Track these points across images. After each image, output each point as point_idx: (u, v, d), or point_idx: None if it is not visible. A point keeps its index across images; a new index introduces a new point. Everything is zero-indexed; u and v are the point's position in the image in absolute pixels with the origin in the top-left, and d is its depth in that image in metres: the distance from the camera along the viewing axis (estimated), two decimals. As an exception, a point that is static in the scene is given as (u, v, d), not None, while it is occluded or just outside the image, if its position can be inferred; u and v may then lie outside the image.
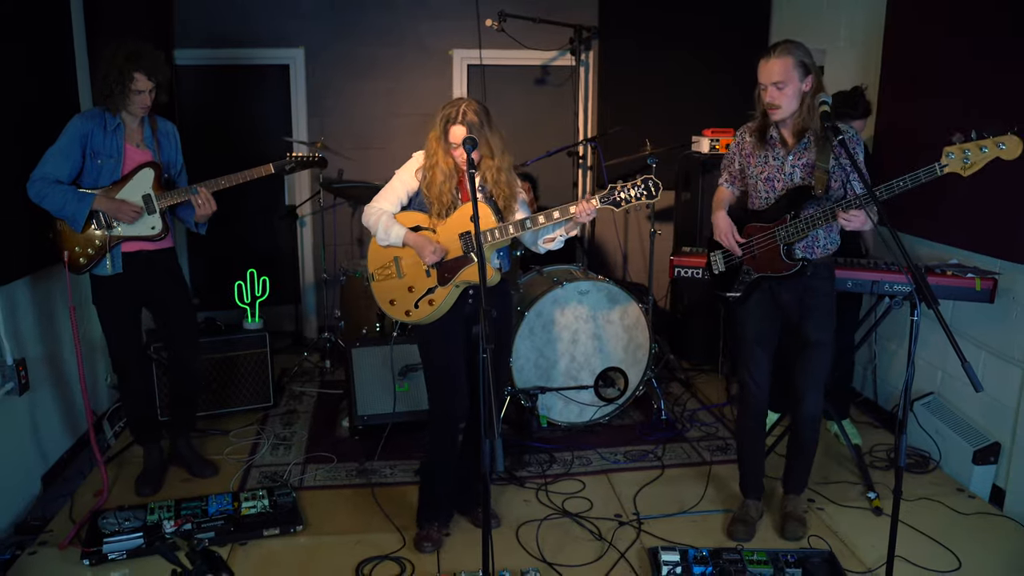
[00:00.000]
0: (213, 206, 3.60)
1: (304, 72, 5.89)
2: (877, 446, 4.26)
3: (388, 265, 3.25)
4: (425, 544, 3.29)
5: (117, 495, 3.72)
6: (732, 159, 3.35)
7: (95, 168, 3.46)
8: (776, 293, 3.25)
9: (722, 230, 3.28)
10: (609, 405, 4.44)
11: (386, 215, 3.17)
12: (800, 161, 3.12)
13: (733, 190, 3.39)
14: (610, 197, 2.93)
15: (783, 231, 3.13)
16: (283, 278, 6.14)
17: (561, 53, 5.94)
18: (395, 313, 3.24)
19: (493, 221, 3.04)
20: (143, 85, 3.41)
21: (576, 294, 4.30)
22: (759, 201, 3.24)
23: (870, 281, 3.63)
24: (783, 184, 3.15)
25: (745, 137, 3.27)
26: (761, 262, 3.22)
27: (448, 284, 3.11)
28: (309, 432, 4.42)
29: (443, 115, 3.00)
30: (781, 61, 2.95)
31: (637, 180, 2.90)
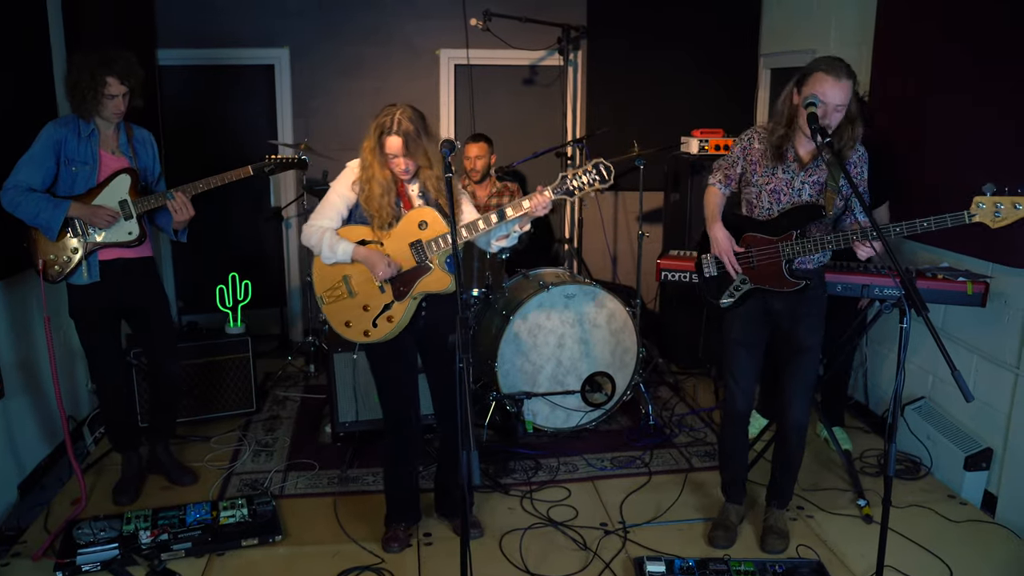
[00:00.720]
0: (190, 211, 3.51)
1: (289, 72, 5.80)
2: (868, 451, 4.21)
3: (337, 285, 3.11)
4: (392, 544, 3.30)
5: (94, 504, 3.64)
6: (735, 162, 3.21)
7: (70, 175, 3.38)
8: (769, 301, 3.18)
9: (723, 247, 3.14)
10: (596, 410, 4.38)
11: (329, 232, 3.03)
12: (811, 179, 3.05)
13: (725, 192, 3.29)
14: (562, 187, 2.83)
15: (789, 248, 3.05)
16: (269, 280, 6.07)
17: (549, 53, 5.87)
18: (352, 335, 3.10)
19: (444, 226, 2.93)
20: (116, 89, 3.34)
21: (562, 298, 4.24)
22: (759, 211, 3.14)
23: (860, 285, 3.58)
24: (789, 199, 3.08)
25: (754, 144, 3.14)
26: (760, 274, 3.14)
27: (405, 298, 3.01)
28: (292, 438, 4.35)
29: (376, 124, 2.89)
30: (849, 84, 2.82)
31: (588, 166, 2.79)
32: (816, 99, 2.79)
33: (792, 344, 3.18)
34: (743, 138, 3.20)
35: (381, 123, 2.87)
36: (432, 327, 3.11)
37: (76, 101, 3.32)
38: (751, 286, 3.16)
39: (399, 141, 2.83)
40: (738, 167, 3.20)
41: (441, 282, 2.96)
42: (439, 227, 2.92)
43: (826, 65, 2.83)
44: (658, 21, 5.90)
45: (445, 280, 2.94)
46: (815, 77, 2.84)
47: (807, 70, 2.89)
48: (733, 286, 3.20)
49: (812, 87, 2.84)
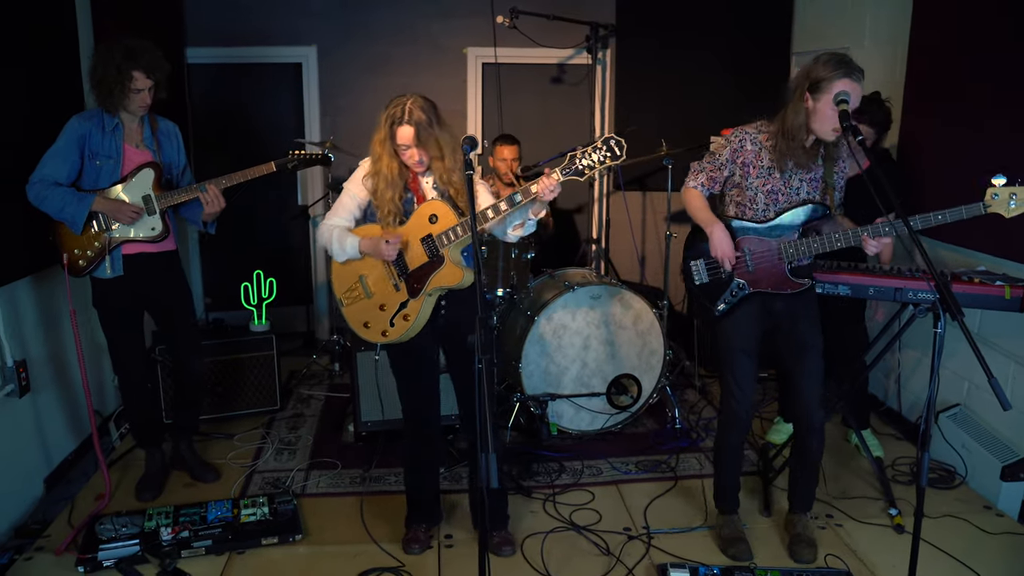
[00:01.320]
0: (222, 203, 3.52)
1: (317, 70, 5.82)
2: (900, 459, 4.10)
3: (354, 286, 3.07)
4: (412, 546, 3.27)
5: (118, 499, 3.66)
6: (722, 165, 3.08)
7: (94, 169, 3.40)
8: (768, 304, 3.11)
9: (724, 249, 3.03)
10: (621, 413, 4.32)
11: (338, 229, 2.99)
12: (808, 175, 3.01)
13: (705, 194, 3.16)
14: (571, 167, 2.68)
15: (791, 249, 3.00)
16: (295, 278, 6.08)
17: (577, 51, 5.82)
18: (371, 336, 3.06)
19: (454, 218, 2.84)
20: (142, 83, 3.34)
21: (588, 298, 4.18)
22: (753, 213, 3.06)
23: (893, 288, 3.46)
24: (787, 199, 3.02)
25: (745, 146, 3.04)
26: (760, 278, 3.07)
27: (420, 295, 2.94)
28: (314, 437, 4.34)
29: (388, 115, 2.80)
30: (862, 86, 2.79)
31: (597, 143, 2.63)
32: (847, 95, 2.73)
33: (796, 343, 3.12)
34: (732, 140, 3.08)
35: (391, 113, 2.78)
36: (453, 325, 3.05)
37: (102, 95, 3.33)
38: (750, 291, 3.09)
39: (411, 131, 2.76)
40: (725, 170, 3.09)
41: (454, 276, 2.88)
42: (450, 219, 2.83)
43: (847, 68, 2.77)
44: (687, 19, 5.83)
45: (458, 274, 2.87)
46: (840, 83, 2.76)
47: (823, 75, 2.79)
48: (729, 292, 3.11)
49: (837, 91, 2.77)
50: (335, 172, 5.36)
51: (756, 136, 3.03)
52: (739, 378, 3.16)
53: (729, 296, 3.11)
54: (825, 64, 2.80)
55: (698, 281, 3.18)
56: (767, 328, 3.15)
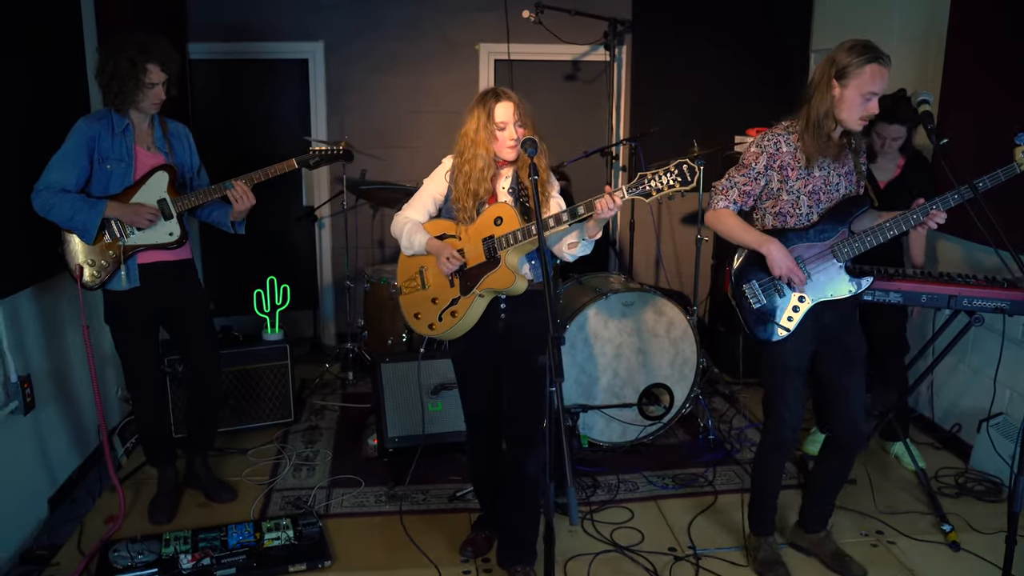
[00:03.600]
0: (252, 199, 3.34)
1: (324, 67, 5.61)
2: (942, 470, 3.97)
3: (414, 276, 3.02)
4: (466, 548, 3.23)
5: (129, 522, 3.45)
6: (758, 176, 2.86)
7: (104, 174, 3.19)
8: (819, 314, 2.92)
9: (789, 265, 2.81)
10: (653, 424, 4.16)
11: (411, 223, 2.95)
12: (843, 170, 2.88)
13: (736, 211, 2.94)
14: (640, 187, 2.56)
15: (845, 247, 2.84)
16: (301, 282, 5.87)
17: (594, 48, 5.64)
18: (419, 327, 3.01)
19: (517, 222, 2.74)
20: (157, 77, 3.15)
21: (620, 306, 4.01)
22: (796, 220, 2.89)
23: (947, 295, 3.32)
24: (828, 197, 2.87)
25: (781, 148, 2.84)
26: (817, 286, 2.90)
27: (471, 294, 2.83)
28: (333, 451, 4.14)
29: (480, 103, 2.76)
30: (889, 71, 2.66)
31: (670, 165, 2.53)
32: (928, 95, 2.59)
33: (844, 354, 2.97)
34: (766, 146, 2.85)
35: (484, 98, 2.76)
36: (510, 330, 2.91)
37: (113, 92, 3.13)
38: (812, 302, 2.91)
39: (511, 106, 2.71)
40: (762, 181, 2.88)
41: (506, 279, 2.77)
42: (513, 223, 2.74)
43: (874, 53, 2.64)
44: (704, 14, 5.66)
45: (509, 278, 2.75)
46: (869, 69, 2.63)
47: (849, 61, 2.66)
48: (791, 308, 2.91)
49: (866, 79, 2.64)
50: (348, 173, 5.15)
51: (788, 137, 2.85)
52: (789, 399, 2.98)
53: (790, 314, 2.92)
54: (850, 50, 2.67)
55: (757, 305, 2.94)
56: (816, 341, 2.98)
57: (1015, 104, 3.72)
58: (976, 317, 3.30)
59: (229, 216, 3.41)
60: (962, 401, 4.26)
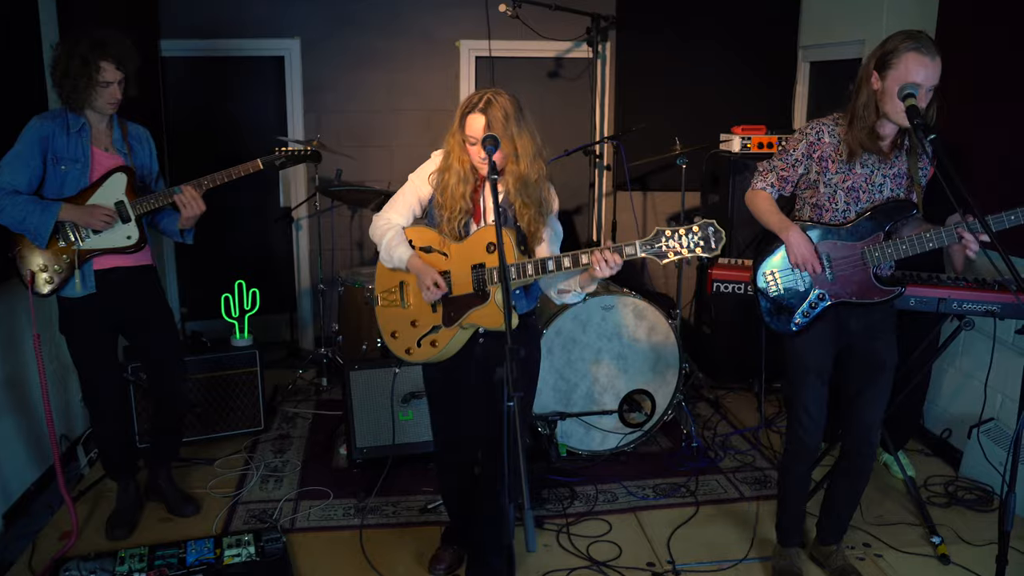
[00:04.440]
0: (200, 206, 3.17)
1: (300, 65, 5.47)
2: (932, 478, 3.84)
3: (393, 290, 2.75)
4: (437, 566, 3.08)
5: (86, 538, 3.31)
6: (795, 163, 2.78)
7: (58, 175, 3.04)
8: (844, 319, 2.80)
9: (804, 253, 2.71)
10: (634, 432, 4.02)
11: (394, 230, 2.67)
12: (892, 171, 2.70)
13: (775, 196, 2.86)
14: (654, 244, 2.26)
15: (877, 252, 2.69)
16: (278, 285, 5.74)
17: (577, 44, 5.51)
18: (396, 349, 2.75)
19: (514, 254, 2.41)
20: (111, 75, 2.99)
21: (599, 309, 3.88)
22: (832, 215, 2.76)
23: (936, 299, 3.20)
24: (869, 197, 2.72)
25: (823, 138, 2.73)
26: (841, 287, 2.76)
27: (453, 326, 2.58)
28: (303, 462, 3.99)
29: (463, 105, 2.48)
30: (939, 62, 2.47)
31: (694, 226, 2.24)
32: (914, 88, 2.43)
33: (870, 364, 2.82)
34: (808, 133, 2.77)
35: (467, 102, 2.46)
36: (489, 359, 2.65)
37: (66, 91, 2.98)
38: (831, 301, 2.78)
39: (481, 120, 2.39)
40: (800, 168, 2.78)
41: (494, 318, 2.50)
42: (509, 254, 2.38)
43: (915, 43, 2.47)
44: (691, 10, 5.54)
45: (498, 317, 2.47)
46: (907, 58, 2.47)
47: (892, 49, 2.51)
48: (808, 303, 2.81)
49: (903, 70, 2.48)
50: (321, 172, 5.02)
51: (834, 128, 2.72)
52: (810, 404, 2.86)
53: (808, 308, 2.80)
54: (894, 38, 2.52)
55: (774, 294, 2.84)
56: (838, 347, 2.85)
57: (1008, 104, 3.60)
58: (966, 321, 3.18)
59: (177, 224, 3.24)
60: (953, 406, 4.14)
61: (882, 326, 2.81)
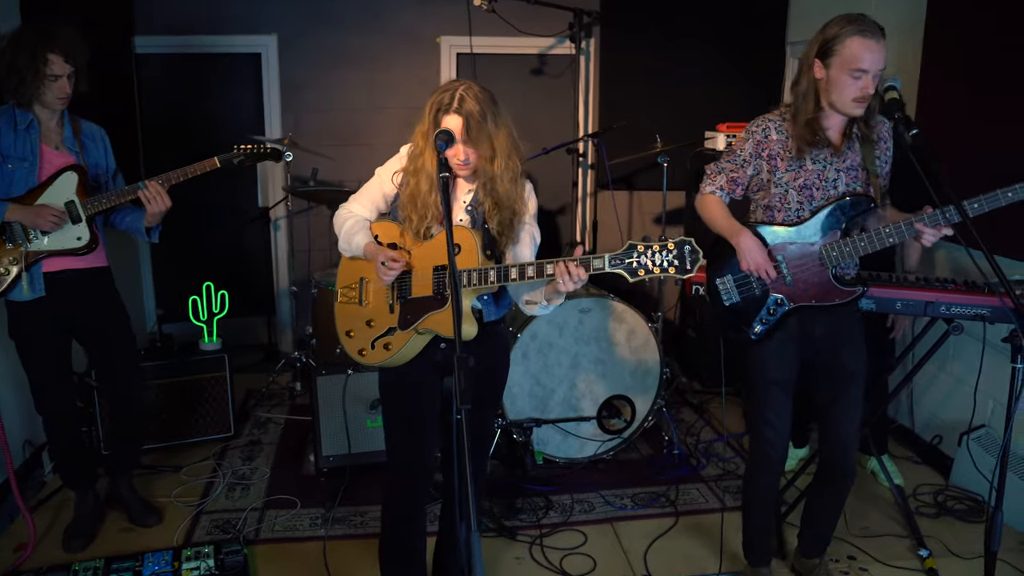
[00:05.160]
0: (166, 201, 3.01)
1: (277, 62, 5.35)
2: (921, 487, 3.73)
3: (353, 286, 2.58)
4: None
5: (42, 549, 3.18)
6: (744, 163, 2.64)
7: (6, 174, 2.92)
8: (808, 325, 2.67)
9: (756, 259, 2.56)
10: (614, 439, 3.90)
11: (356, 219, 2.49)
12: (845, 164, 2.56)
13: (725, 200, 2.72)
14: (622, 260, 2.10)
15: (835, 251, 2.56)
16: (256, 286, 5.62)
17: (560, 40, 5.39)
18: (350, 349, 2.53)
19: (476, 260, 2.26)
20: (60, 68, 2.87)
21: (576, 312, 3.76)
22: (785, 215, 2.62)
23: (923, 302, 3.07)
24: (823, 194, 2.58)
25: (770, 136, 2.60)
26: (800, 290, 2.63)
27: (409, 329, 2.39)
28: (272, 469, 3.87)
29: (434, 102, 2.28)
30: (885, 45, 2.35)
31: (669, 243, 2.05)
32: (896, 82, 2.32)
33: (837, 373, 2.69)
34: (754, 131, 2.63)
35: (438, 100, 2.28)
36: (449, 367, 2.39)
37: (12, 85, 2.86)
38: (791, 306, 2.65)
39: (459, 122, 2.24)
40: (749, 168, 2.65)
41: (451, 325, 2.25)
42: (471, 259, 2.26)
43: (858, 26, 2.36)
44: (676, 6, 5.43)
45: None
46: (851, 43, 2.35)
47: (833, 35, 2.40)
48: (766, 310, 2.67)
49: (848, 56, 2.36)
50: (294, 171, 4.90)
51: (781, 124, 2.60)
52: (771, 415, 2.73)
53: (766, 315, 2.67)
54: (833, 24, 2.41)
55: (728, 302, 2.71)
56: (806, 356, 2.72)
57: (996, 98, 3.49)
58: (955, 325, 3.06)
59: (143, 221, 3.12)
60: (943, 412, 4.02)
61: (848, 333, 2.68)
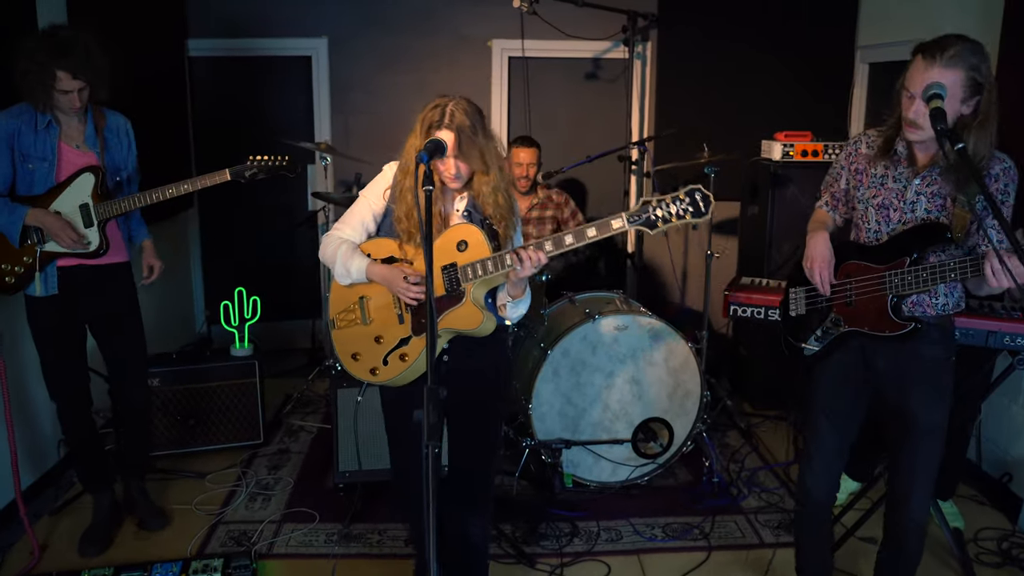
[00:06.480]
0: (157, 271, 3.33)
1: (327, 64, 5.33)
2: (983, 531, 3.41)
3: (352, 308, 2.49)
4: None
5: (59, 553, 3.18)
6: (838, 176, 2.55)
7: (27, 174, 2.94)
8: (869, 355, 2.44)
9: (816, 257, 2.45)
10: (648, 463, 3.70)
11: (346, 245, 2.44)
12: (929, 189, 2.30)
13: (835, 216, 2.60)
14: (641, 216, 2.11)
15: (897, 278, 2.31)
16: (303, 290, 5.60)
17: (615, 44, 5.21)
18: (358, 371, 2.48)
19: (487, 249, 2.28)
20: (68, 85, 2.84)
21: (612, 330, 3.58)
22: (866, 233, 2.43)
23: (985, 331, 2.81)
24: (901, 215, 2.35)
25: (860, 149, 2.45)
26: (858, 313, 2.41)
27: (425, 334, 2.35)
28: (296, 480, 3.80)
29: (423, 118, 2.28)
30: (950, 72, 2.10)
31: (680, 192, 2.10)
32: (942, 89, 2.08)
33: (903, 421, 2.41)
34: (850, 142, 2.53)
35: (429, 117, 2.27)
36: (457, 376, 2.42)
37: (26, 90, 2.85)
38: (845, 328, 2.44)
39: (452, 137, 2.24)
40: (842, 181, 2.52)
41: (472, 319, 2.32)
42: (482, 250, 2.29)
43: (929, 44, 2.15)
44: (738, 7, 5.16)
45: (477, 317, 2.31)
46: (914, 61, 2.18)
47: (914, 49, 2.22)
48: (823, 327, 2.48)
49: (908, 73, 2.19)
50: (340, 175, 4.85)
51: (875, 138, 2.42)
52: (814, 449, 2.55)
53: (822, 332, 2.49)
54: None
55: (794, 312, 2.59)
56: (866, 390, 2.49)
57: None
58: (1020, 358, 2.77)
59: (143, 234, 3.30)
60: (1014, 448, 3.69)
61: (919, 375, 2.39)
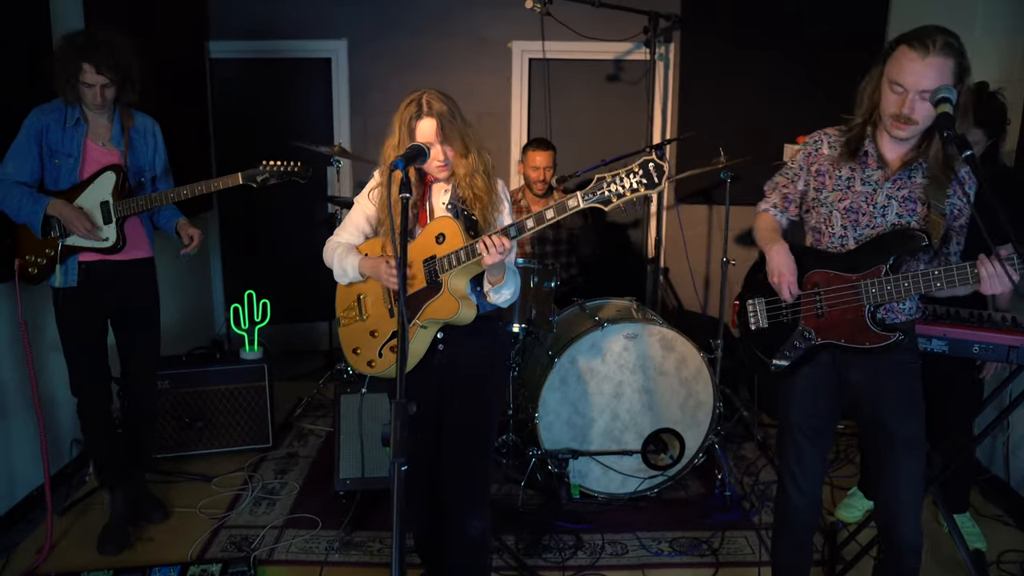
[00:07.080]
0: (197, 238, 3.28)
1: (347, 66, 5.34)
2: (1007, 553, 3.28)
3: (352, 306, 2.62)
4: None
5: (68, 552, 3.19)
6: (794, 177, 2.43)
7: (53, 169, 3.04)
8: (841, 368, 2.34)
9: (780, 268, 2.33)
10: (657, 475, 3.62)
11: (343, 247, 2.55)
12: (901, 192, 2.22)
13: (782, 220, 2.49)
14: (596, 193, 2.10)
15: (875, 288, 2.21)
16: (321, 291, 5.57)
17: (637, 45, 5.13)
18: (358, 365, 2.60)
19: (460, 240, 2.32)
20: (91, 79, 2.93)
21: (621, 338, 3.50)
22: (829, 239, 2.33)
23: (1006, 347, 2.68)
24: (870, 221, 2.26)
25: (821, 149, 2.36)
26: (830, 324, 2.31)
27: (411, 324, 2.42)
28: (302, 484, 3.78)
29: (402, 115, 2.35)
30: (941, 62, 2.01)
31: (633, 166, 2.06)
32: (950, 92, 1.98)
33: (883, 434, 2.30)
34: (808, 143, 2.41)
35: (406, 111, 2.35)
36: (452, 364, 2.49)
37: (60, 83, 2.95)
38: (818, 341, 2.34)
39: (433, 124, 2.31)
40: (799, 183, 2.41)
41: (449, 308, 2.36)
42: (457, 241, 2.33)
43: (914, 34, 2.05)
44: (764, 9, 5.05)
45: (453, 306, 2.34)
46: (899, 50, 2.07)
47: (895, 37, 2.11)
48: (792, 341, 2.36)
49: (893, 64, 2.08)
50: (359, 177, 4.84)
51: (837, 139, 2.33)
52: (792, 464, 2.43)
53: (791, 347, 2.37)
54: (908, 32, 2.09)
55: (754, 325, 2.47)
56: (842, 404, 2.40)
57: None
58: (1040, 376, 2.65)
59: (175, 225, 3.29)
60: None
61: (893, 384, 2.29)
